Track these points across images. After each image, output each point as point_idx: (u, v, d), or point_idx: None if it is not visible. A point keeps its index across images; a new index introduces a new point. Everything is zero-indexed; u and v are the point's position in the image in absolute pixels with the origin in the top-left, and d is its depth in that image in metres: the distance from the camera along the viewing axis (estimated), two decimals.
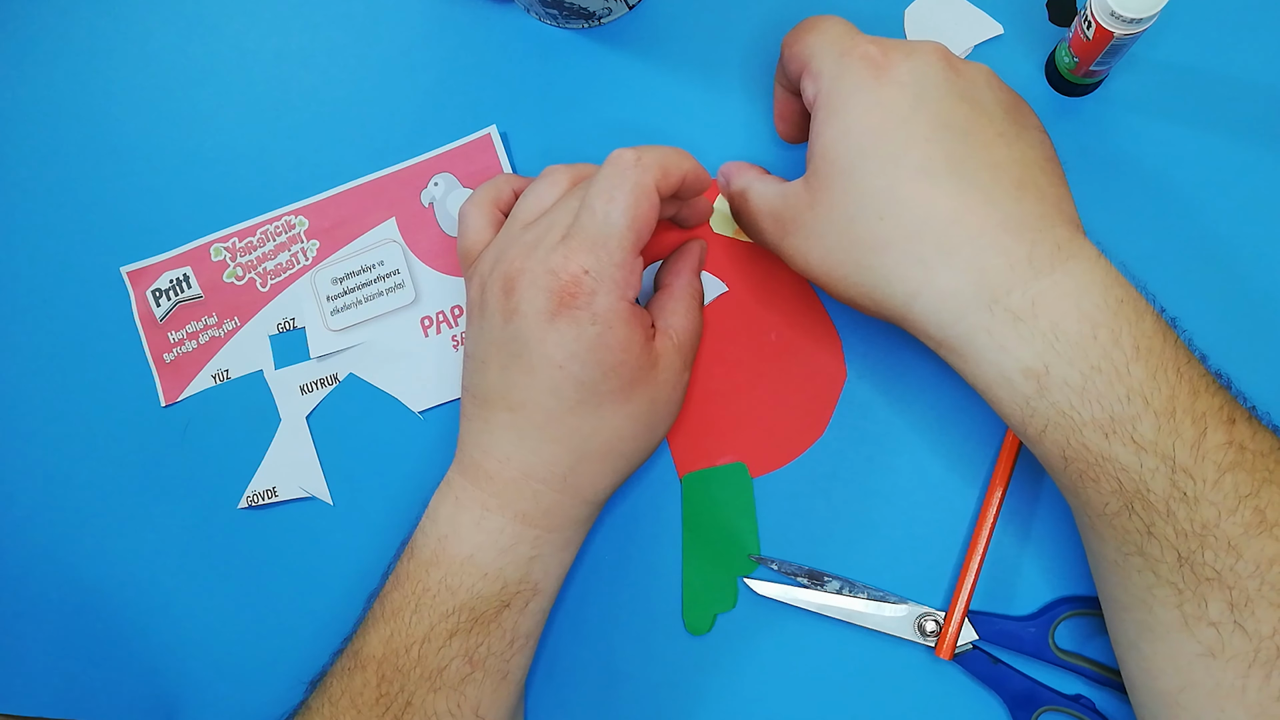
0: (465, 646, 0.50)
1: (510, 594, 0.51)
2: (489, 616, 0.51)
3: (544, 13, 0.60)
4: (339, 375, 0.63)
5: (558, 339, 0.48)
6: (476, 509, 0.51)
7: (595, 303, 0.48)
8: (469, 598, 0.51)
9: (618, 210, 0.48)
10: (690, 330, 0.55)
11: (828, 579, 0.56)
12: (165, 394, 0.64)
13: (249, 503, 0.63)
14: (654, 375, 0.52)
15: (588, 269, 0.48)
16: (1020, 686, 0.53)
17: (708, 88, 0.60)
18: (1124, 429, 0.41)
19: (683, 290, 0.56)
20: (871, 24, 0.57)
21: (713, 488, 0.58)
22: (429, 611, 0.50)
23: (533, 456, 0.51)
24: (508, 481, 0.51)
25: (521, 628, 0.52)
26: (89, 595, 0.64)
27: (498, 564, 0.51)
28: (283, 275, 0.63)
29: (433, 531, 0.52)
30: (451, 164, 0.62)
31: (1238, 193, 0.55)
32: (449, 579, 0.51)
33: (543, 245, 0.49)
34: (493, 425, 0.51)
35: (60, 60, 0.68)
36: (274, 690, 0.61)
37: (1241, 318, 0.54)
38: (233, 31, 0.66)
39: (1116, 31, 0.48)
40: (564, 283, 0.48)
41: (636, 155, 0.50)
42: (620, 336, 0.49)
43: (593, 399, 0.50)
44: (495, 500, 0.51)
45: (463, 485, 0.52)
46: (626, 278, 0.49)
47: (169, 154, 0.66)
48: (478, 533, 0.51)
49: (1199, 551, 0.41)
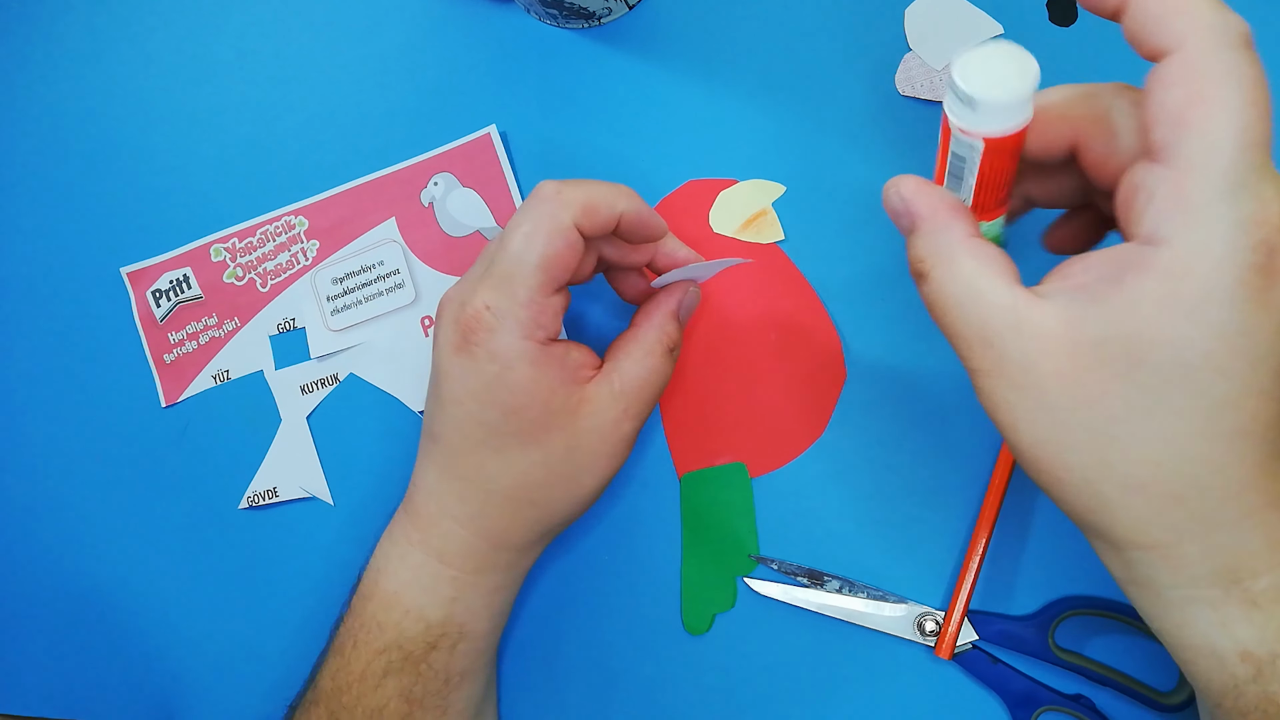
0: (400, 686, 0.50)
1: (435, 635, 0.50)
2: (418, 656, 0.50)
3: (544, 13, 0.60)
4: (339, 375, 0.63)
5: (460, 374, 0.47)
6: (403, 543, 0.51)
7: (494, 340, 0.46)
8: (397, 635, 0.50)
9: (526, 245, 0.46)
10: (639, 378, 0.51)
11: (827, 578, 0.56)
12: (165, 395, 0.64)
13: (249, 503, 0.63)
14: (573, 421, 0.49)
15: (489, 305, 0.46)
16: (1020, 686, 0.53)
17: (708, 88, 0.60)
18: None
19: (645, 335, 0.52)
20: (871, 24, 0.58)
21: (712, 488, 0.58)
22: (365, 647, 0.50)
23: (447, 493, 0.50)
24: (428, 517, 0.51)
25: (455, 667, 0.51)
26: (89, 596, 0.64)
27: (419, 602, 0.50)
28: (283, 275, 0.64)
29: (372, 564, 0.53)
30: (451, 164, 0.62)
31: None
32: (379, 614, 0.51)
33: (469, 276, 0.49)
34: (423, 455, 0.51)
35: (60, 60, 0.68)
36: (273, 690, 0.61)
37: None
38: (232, 31, 0.66)
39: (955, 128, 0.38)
40: (467, 317, 0.46)
41: (558, 189, 0.47)
42: (521, 377, 0.47)
43: (494, 439, 0.48)
44: (418, 535, 0.51)
45: (399, 518, 0.52)
46: (534, 317, 0.47)
47: (169, 154, 0.66)
48: (403, 568, 0.51)
49: None
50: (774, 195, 0.58)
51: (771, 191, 0.58)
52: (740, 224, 0.59)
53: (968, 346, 0.37)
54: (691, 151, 0.60)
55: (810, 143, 0.58)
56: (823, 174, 0.58)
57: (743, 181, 0.59)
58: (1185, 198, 0.32)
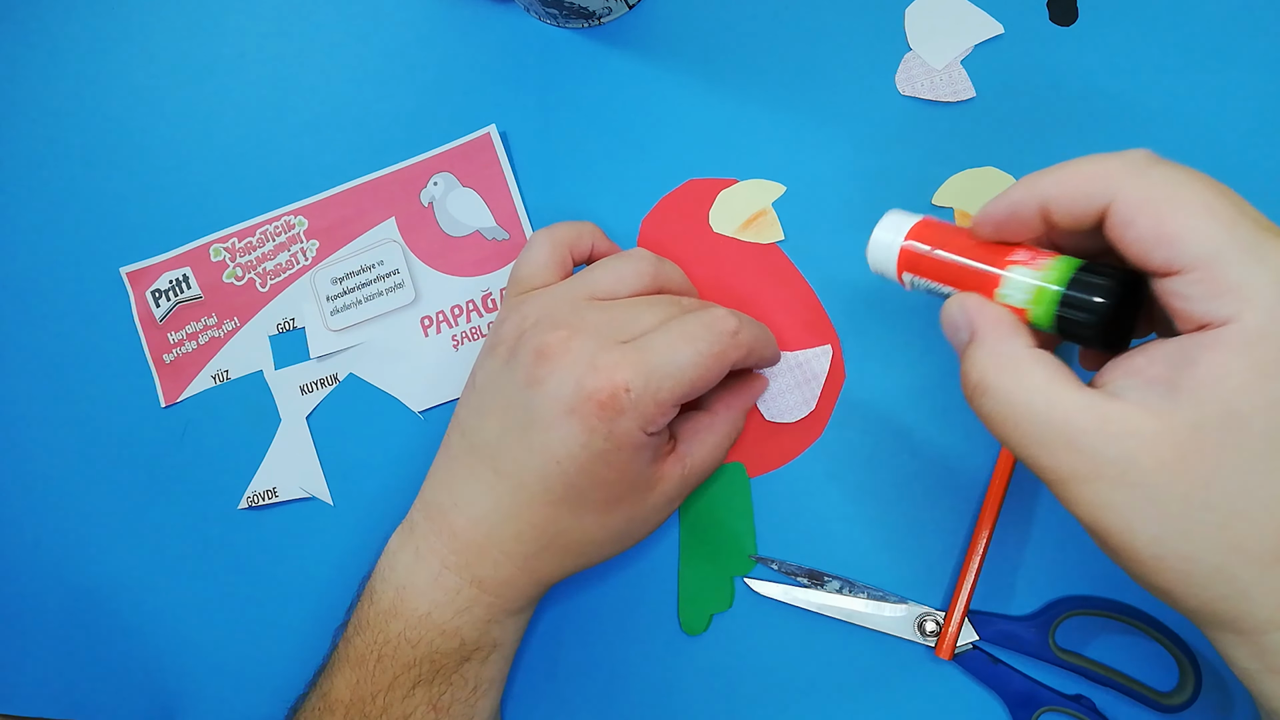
0: (429, 695, 0.50)
1: (469, 650, 0.51)
2: (450, 668, 0.51)
3: (544, 13, 0.60)
4: (339, 375, 0.63)
5: (565, 435, 0.47)
6: (435, 564, 0.51)
7: (618, 422, 0.46)
8: (429, 651, 0.50)
9: (690, 358, 0.47)
10: (708, 466, 0.54)
11: (827, 579, 0.56)
12: (165, 395, 0.64)
13: (249, 503, 0.63)
14: (645, 498, 0.51)
15: (630, 388, 0.46)
16: (1020, 686, 0.53)
17: (708, 88, 0.60)
18: None
19: (723, 423, 0.54)
20: (871, 24, 0.58)
21: (710, 487, 0.58)
22: (391, 662, 0.50)
23: (503, 528, 0.50)
24: (471, 544, 0.50)
25: (485, 675, 0.53)
26: (89, 596, 0.64)
27: (455, 623, 0.51)
28: (282, 275, 0.64)
29: (392, 579, 0.52)
30: (451, 163, 0.62)
31: None
32: (408, 632, 0.50)
33: (598, 337, 0.48)
34: (473, 478, 0.51)
35: (59, 61, 0.68)
36: (274, 690, 0.61)
37: None
38: (232, 31, 0.66)
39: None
40: (599, 386, 0.46)
41: (738, 327, 0.49)
42: (623, 461, 0.48)
43: (575, 502, 0.49)
44: (455, 559, 0.50)
45: (425, 534, 0.52)
46: (657, 418, 0.47)
47: (168, 154, 0.66)
48: (435, 589, 0.51)
49: None
50: (774, 195, 0.58)
51: (771, 191, 0.58)
52: (740, 224, 0.58)
53: (1050, 454, 0.35)
54: (691, 151, 0.60)
55: (810, 143, 0.58)
56: (823, 174, 0.58)
57: (743, 181, 0.59)
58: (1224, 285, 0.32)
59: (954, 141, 0.57)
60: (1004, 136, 0.57)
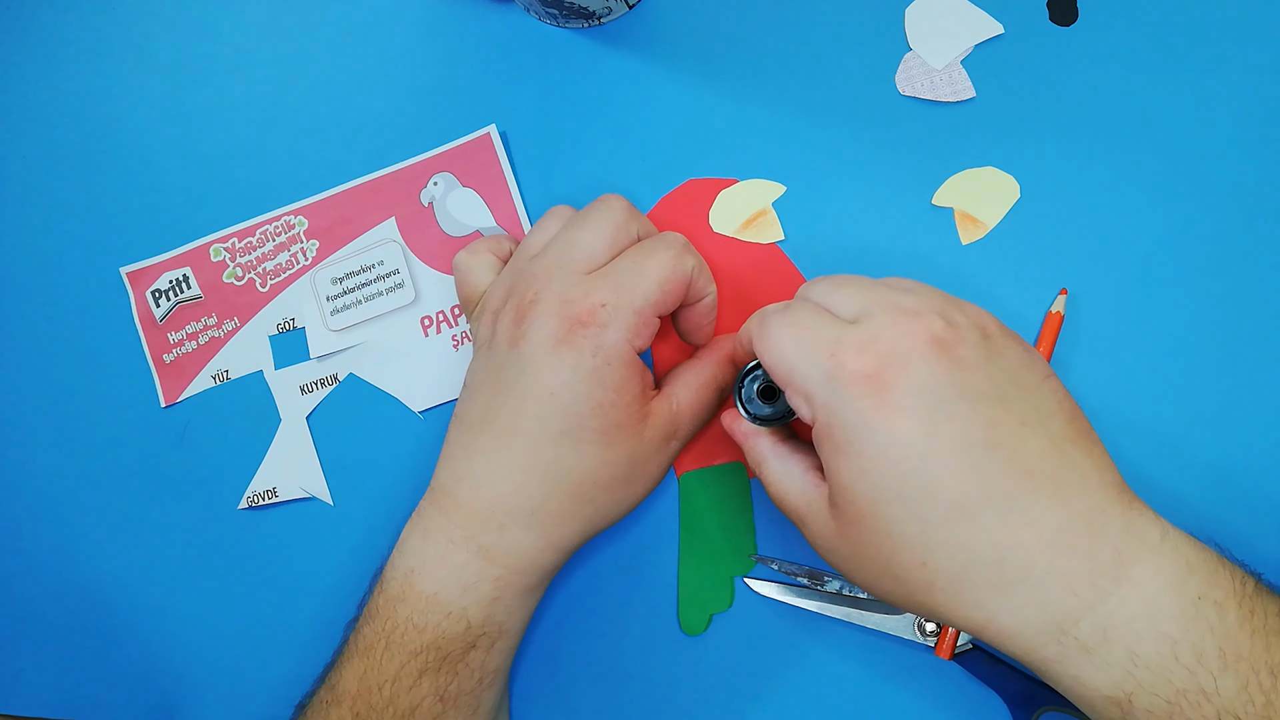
0: (435, 685, 0.50)
1: (475, 635, 0.51)
2: (456, 656, 0.51)
3: (544, 13, 0.60)
4: (339, 375, 0.63)
5: (556, 365, 0.48)
6: (442, 541, 0.51)
7: (604, 336, 0.48)
8: (435, 636, 0.50)
9: (655, 266, 0.49)
10: (693, 406, 0.54)
11: (828, 579, 0.56)
12: (165, 395, 0.64)
13: (249, 503, 0.63)
14: (640, 430, 0.51)
15: (605, 303, 0.48)
16: (1020, 686, 0.53)
17: (708, 88, 0.60)
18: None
19: (703, 369, 0.55)
20: (871, 24, 0.58)
21: (710, 487, 0.58)
22: (399, 649, 0.50)
23: (504, 485, 0.50)
24: (475, 511, 0.50)
25: (490, 666, 0.52)
26: (89, 596, 0.64)
27: (461, 603, 0.50)
28: (282, 275, 0.64)
29: (401, 564, 0.52)
30: (451, 163, 0.62)
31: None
32: (415, 617, 0.50)
33: (559, 276, 0.50)
34: (472, 451, 0.51)
35: (59, 61, 0.68)
36: (275, 690, 0.61)
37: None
38: (232, 31, 0.66)
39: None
40: (578, 311, 0.48)
41: (684, 243, 0.51)
42: (617, 376, 0.49)
43: (576, 432, 0.49)
44: (461, 532, 0.51)
45: (431, 515, 0.52)
46: (639, 327, 0.49)
47: (168, 154, 0.66)
48: (441, 567, 0.51)
49: None
50: (774, 195, 0.58)
51: (771, 191, 0.58)
52: (740, 224, 0.58)
53: (796, 519, 0.47)
54: (691, 151, 0.60)
55: (810, 143, 0.58)
56: (823, 174, 0.58)
57: (743, 181, 0.59)
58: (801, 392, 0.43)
59: (954, 141, 0.57)
60: (1004, 136, 0.57)
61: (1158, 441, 0.53)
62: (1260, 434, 0.53)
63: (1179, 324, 0.54)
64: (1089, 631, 0.39)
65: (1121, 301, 0.54)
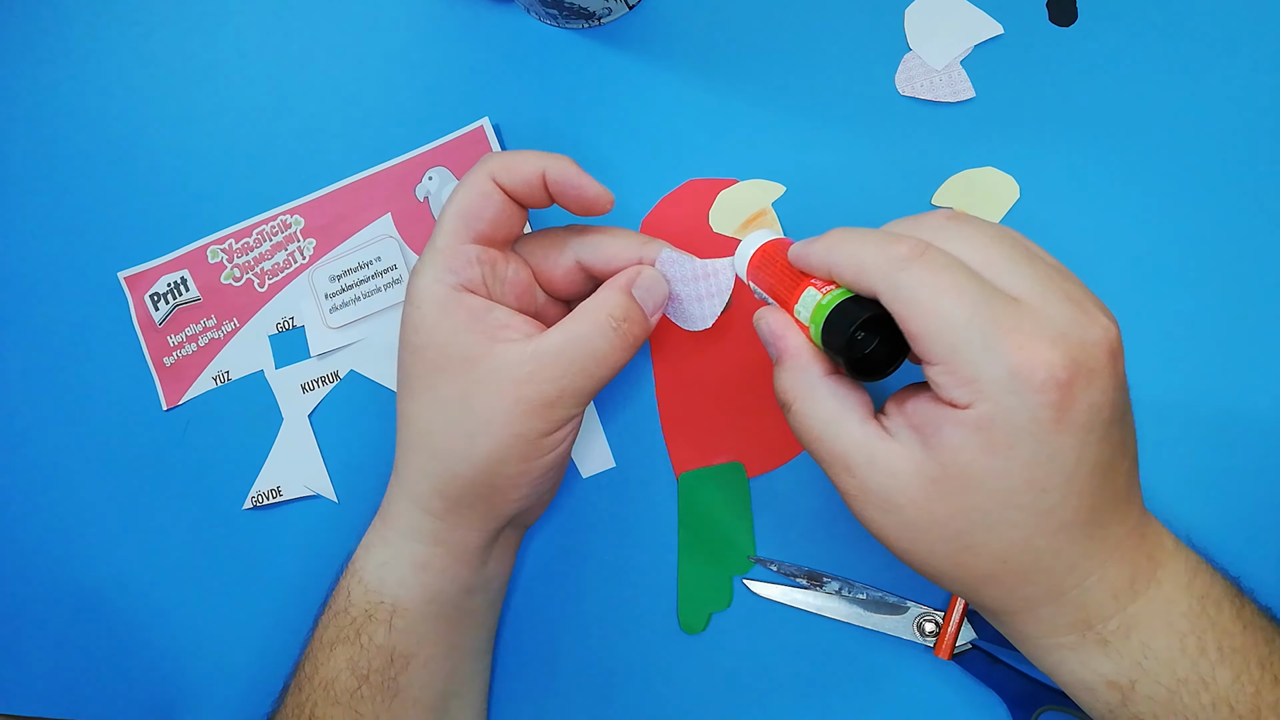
0: (347, 656, 0.51)
1: (372, 602, 0.51)
2: (359, 624, 0.51)
3: (544, 13, 0.60)
4: (340, 372, 0.63)
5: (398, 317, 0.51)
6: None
7: (413, 282, 0.50)
8: (345, 601, 0.52)
9: (449, 198, 0.50)
10: (561, 344, 0.48)
11: (827, 579, 0.56)
12: (166, 398, 0.64)
13: (254, 503, 0.63)
14: (469, 371, 0.48)
15: (421, 255, 0.50)
16: (1020, 686, 0.53)
17: (708, 88, 0.60)
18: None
19: (586, 304, 0.49)
20: (872, 24, 0.58)
21: (709, 487, 0.58)
22: (326, 616, 0.53)
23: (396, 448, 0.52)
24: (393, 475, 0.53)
25: (397, 646, 0.51)
26: (94, 599, 0.64)
27: (361, 563, 0.52)
28: (280, 275, 0.63)
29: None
30: (445, 158, 0.62)
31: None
32: (342, 582, 0.53)
33: None
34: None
35: (55, 63, 0.67)
36: (275, 691, 0.61)
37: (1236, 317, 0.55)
38: (226, 33, 0.66)
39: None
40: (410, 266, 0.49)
41: (485, 156, 0.51)
42: (426, 316, 0.48)
43: (406, 380, 0.50)
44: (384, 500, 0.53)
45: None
46: (446, 261, 0.49)
47: (162, 157, 0.66)
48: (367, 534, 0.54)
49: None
50: (774, 195, 0.58)
51: (771, 191, 0.58)
52: (740, 224, 0.59)
53: (834, 474, 0.43)
54: (691, 151, 0.60)
55: (810, 143, 0.58)
56: (823, 174, 0.58)
57: (743, 181, 0.59)
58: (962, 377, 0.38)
59: (954, 141, 0.57)
60: (1004, 136, 0.57)
61: (1154, 443, 0.53)
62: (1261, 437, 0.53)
63: (1179, 324, 0.54)
64: (1114, 629, 0.41)
65: (1121, 302, 0.54)
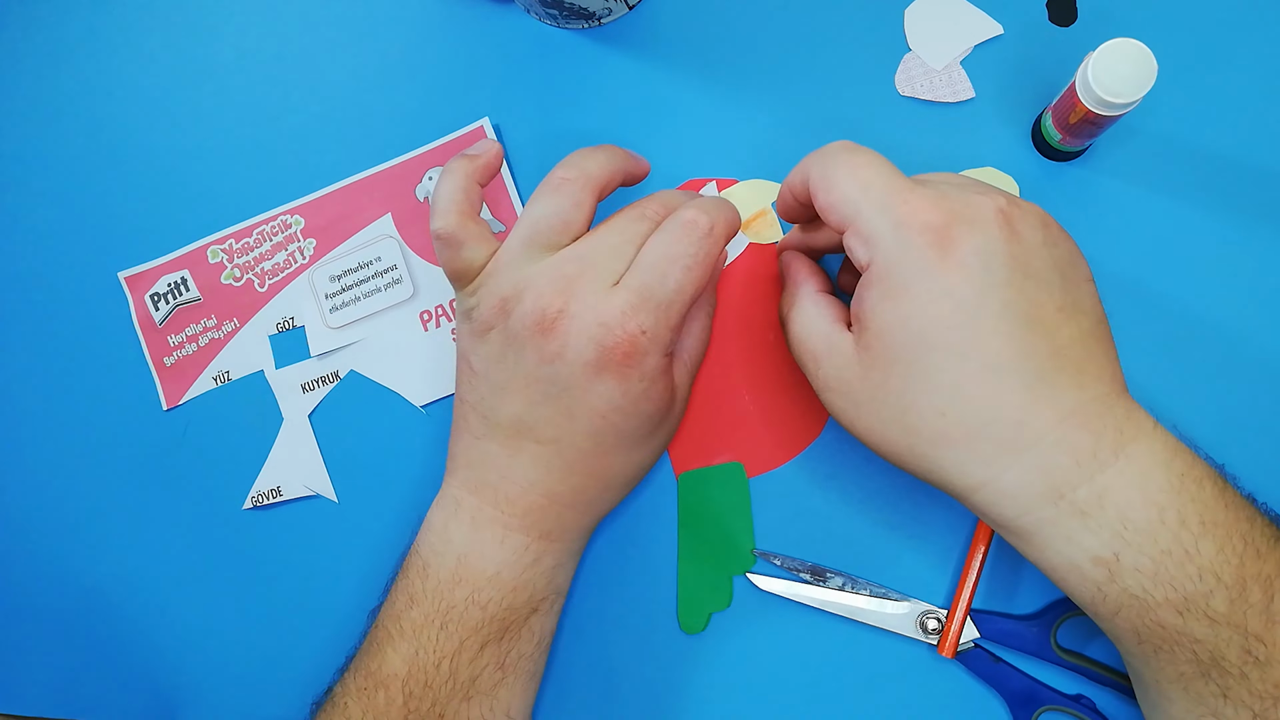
0: (497, 654, 0.51)
1: (538, 600, 0.53)
2: (518, 623, 0.52)
3: (544, 13, 0.60)
4: (340, 372, 0.63)
5: (604, 392, 0.48)
6: (498, 529, 0.51)
7: (646, 361, 0.48)
8: (498, 610, 0.51)
9: (689, 280, 0.48)
10: (701, 349, 0.57)
11: (830, 575, 0.56)
12: (167, 398, 0.64)
13: (254, 503, 0.63)
14: (674, 409, 0.53)
15: (645, 330, 0.47)
16: (1021, 685, 0.53)
17: (708, 88, 0.60)
18: (1197, 606, 0.41)
19: (698, 310, 0.56)
20: (872, 24, 0.58)
21: (709, 487, 0.59)
22: (457, 627, 0.51)
23: (559, 485, 0.51)
24: (532, 506, 0.51)
25: (547, 627, 0.54)
26: (95, 600, 0.64)
27: (525, 577, 0.52)
28: (280, 275, 0.63)
29: (448, 551, 0.52)
30: (445, 158, 0.62)
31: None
32: (477, 595, 0.51)
33: (589, 289, 0.48)
34: (515, 452, 0.51)
35: (57, 62, 0.67)
36: (277, 690, 0.61)
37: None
38: (226, 33, 0.66)
39: (1101, 113, 0.49)
40: (618, 340, 0.47)
41: (710, 223, 0.49)
42: (661, 390, 0.50)
43: (629, 443, 0.51)
44: (518, 521, 0.51)
45: (477, 506, 0.52)
46: (674, 333, 0.49)
47: (162, 157, 0.66)
48: (502, 550, 0.51)
49: (1273, 708, 0.41)
50: (774, 195, 0.58)
51: (771, 191, 0.59)
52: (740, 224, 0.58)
53: (809, 370, 0.48)
54: (691, 151, 0.60)
55: (810, 143, 0.57)
56: None
57: (743, 181, 0.59)
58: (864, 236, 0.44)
59: (954, 141, 0.57)
60: (1004, 136, 0.57)
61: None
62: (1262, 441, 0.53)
63: (1179, 324, 0.54)
64: (1085, 496, 0.42)
65: (1121, 302, 0.55)
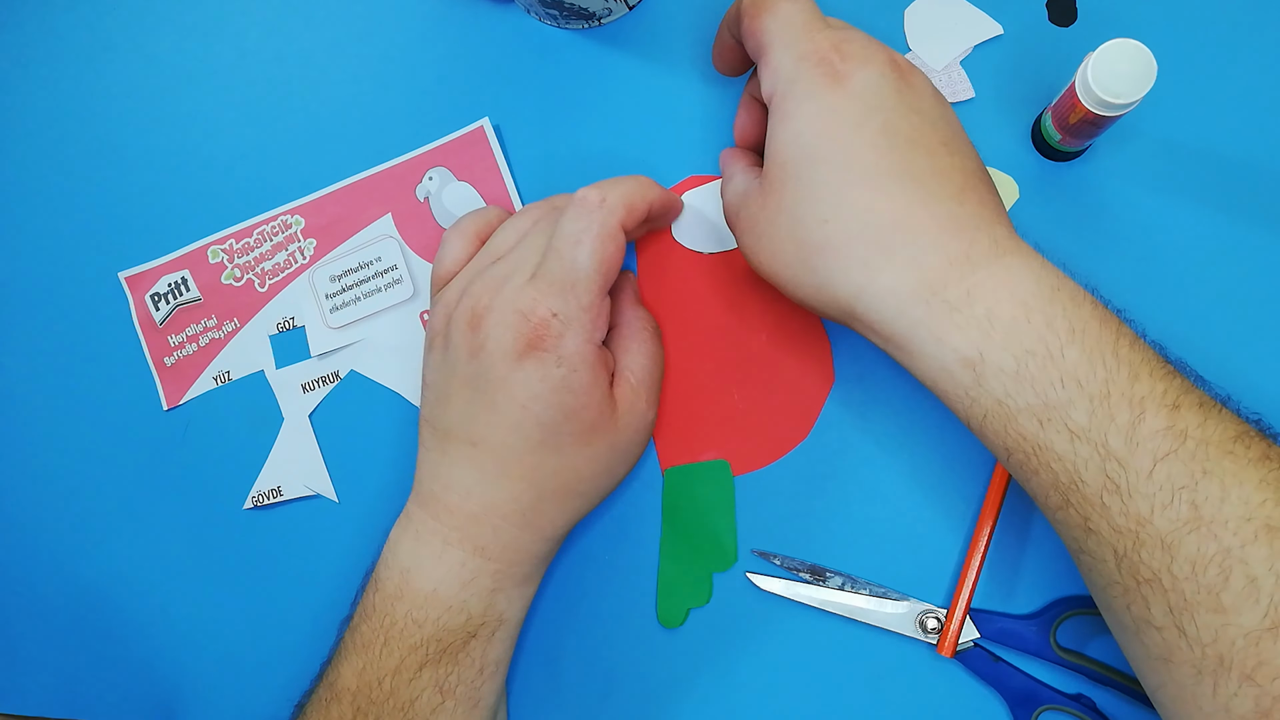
0: (435, 677, 0.51)
1: (476, 625, 0.52)
2: (456, 647, 0.51)
3: (544, 13, 0.60)
4: (340, 372, 0.63)
5: (523, 379, 0.49)
6: (437, 543, 0.52)
7: (562, 345, 0.49)
8: (436, 630, 0.51)
9: (585, 254, 0.49)
10: (648, 367, 0.55)
11: (829, 574, 0.56)
12: (167, 398, 0.64)
13: (254, 503, 0.63)
14: (614, 422, 0.52)
15: (556, 312, 0.49)
16: (1021, 685, 0.54)
17: (708, 88, 0.60)
18: (1058, 415, 0.41)
19: (632, 326, 0.56)
20: (872, 25, 0.57)
21: (694, 483, 0.59)
22: (398, 645, 0.51)
23: (494, 492, 0.51)
24: (468, 516, 0.51)
25: (490, 656, 0.53)
26: (95, 599, 0.64)
27: (461, 597, 0.51)
28: (281, 275, 0.63)
29: (395, 565, 0.53)
30: (445, 158, 0.62)
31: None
32: (414, 613, 0.51)
33: (510, 283, 0.50)
34: (453, 459, 0.52)
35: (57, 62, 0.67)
36: (279, 690, 0.61)
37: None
38: (226, 33, 0.66)
39: (1101, 113, 0.49)
40: (533, 325, 0.48)
41: (601, 196, 0.50)
42: (584, 380, 0.50)
43: (554, 440, 0.50)
44: (456, 534, 0.51)
45: (422, 519, 0.53)
46: (594, 320, 0.50)
47: (163, 157, 0.66)
48: (439, 566, 0.52)
49: (1135, 550, 0.39)
50: None
51: None
52: None
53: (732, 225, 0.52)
54: (691, 150, 0.60)
55: None
56: None
57: None
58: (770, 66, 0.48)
59: None
60: (1004, 136, 0.57)
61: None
62: None
63: (1179, 324, 0.54)
64: (955, 293, 0.43)
65: (1121, 302, 0.54)
